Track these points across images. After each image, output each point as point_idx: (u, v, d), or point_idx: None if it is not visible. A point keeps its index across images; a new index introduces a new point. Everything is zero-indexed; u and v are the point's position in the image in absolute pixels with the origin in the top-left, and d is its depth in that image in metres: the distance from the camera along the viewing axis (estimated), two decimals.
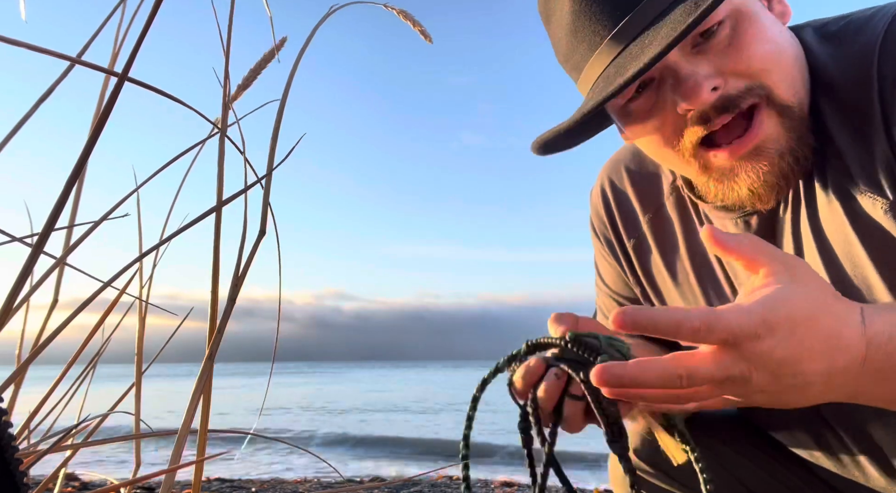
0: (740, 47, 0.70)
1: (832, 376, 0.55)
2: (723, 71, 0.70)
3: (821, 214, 0.76)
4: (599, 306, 1.13)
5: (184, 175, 0.80)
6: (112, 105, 0.41)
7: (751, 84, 0.70)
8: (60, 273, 0.79)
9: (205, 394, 0.64)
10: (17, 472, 0.40)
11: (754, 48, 0.70)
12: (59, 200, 0.41)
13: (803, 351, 0.53)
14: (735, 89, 0.70)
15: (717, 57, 0.71)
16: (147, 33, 0.43)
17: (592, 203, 1.09)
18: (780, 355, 0.52)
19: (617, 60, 0.73)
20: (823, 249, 0.77)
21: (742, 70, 0.70)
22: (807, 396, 0.56)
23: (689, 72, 0.71)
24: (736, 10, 0.71)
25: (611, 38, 0.73)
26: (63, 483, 0.86)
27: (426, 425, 9.24)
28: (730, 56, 0.70)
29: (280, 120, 0.68)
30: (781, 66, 0.71)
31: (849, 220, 0.73)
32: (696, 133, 0.73)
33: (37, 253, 0.41)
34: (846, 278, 0.75)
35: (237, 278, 0.66)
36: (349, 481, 4.61)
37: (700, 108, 0.71)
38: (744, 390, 0.53)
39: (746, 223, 0.85)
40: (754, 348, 0.51)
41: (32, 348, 0.66)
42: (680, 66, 0.71)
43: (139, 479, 0.63)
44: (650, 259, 0.99)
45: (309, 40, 0.73)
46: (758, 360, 0.51)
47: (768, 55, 0.70)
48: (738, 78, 0.71)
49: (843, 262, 0.75)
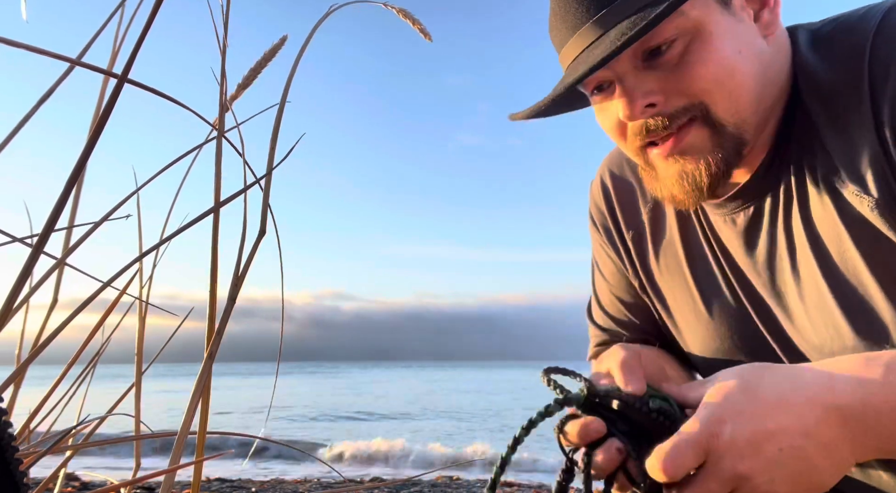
0: (684, 69, 0.73)
1: (811, 434, 0.58)
2: (665, 89, 0.74)
3: (813, 210, 0.77)
4: (599, 301, 1.12)
5: (183, 176, 0.80)
6: (112, 106, 0.41)
7: (689, 103, 0.74)
8: (60, 273, 0.79)
9: (204, 394, 0.64)
10: (17, 472, 0.41)
11: (697, 71, 0.73)
12: (59, 200, 0.41)
13: (765, 422, 0.58)
14: (673, 107, 0.75)
15: (664, 74, 0.74)
16: (146, 35, 0.43)
17: (592, 195, 1.10)
18: (745, 435, 0.57)
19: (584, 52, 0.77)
20: (816, 245, 0.77)
21: (683, 90, 0.74)
22: (813, 464, 0.59)
23: (631, 87, 0.76)
24: (693, 28, 0.72)
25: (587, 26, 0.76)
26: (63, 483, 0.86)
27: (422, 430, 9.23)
28: (675, 75, 0.73)
29: (280, 120, 0.68)
30: (725, 88, 0.73)
31: (839, 217, 0.74)
32: (636, 141, 0.80)
33: (37, 253, 0.41)
34: (839, 274, 0.75)
35: (237, 277, 0.66)
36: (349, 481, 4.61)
37: (635, 121, 0.77)
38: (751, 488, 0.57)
39: (733, 221, 0.86)
40: (720, 443, 0.56)
41: (32, 348, 0.66)
42: (626, 78, 0.76)
43: (139, 479, 0.63)
44: (647, 251, 1.00)
45: (308, 40, 0.73)
46: (731, 451, 0.56)
47: (711, 77, 0.73)
48: (678, 96, 0.74)
49: (835, 258, 0.75)
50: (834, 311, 0.76)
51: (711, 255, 0.91)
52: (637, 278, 1.03)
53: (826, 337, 0.78)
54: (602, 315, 1.11)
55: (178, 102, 0.55)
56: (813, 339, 0.80)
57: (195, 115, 0.61)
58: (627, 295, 1.06)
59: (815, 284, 0.77)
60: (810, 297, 0.79)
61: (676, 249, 0.95)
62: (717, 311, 0.92)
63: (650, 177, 0.83)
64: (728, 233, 0.87)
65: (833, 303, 0.76)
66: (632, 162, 1.03)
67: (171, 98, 0.53)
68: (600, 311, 1.11)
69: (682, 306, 0.96)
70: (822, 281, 0.76)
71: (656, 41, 0.72)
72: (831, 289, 0.76)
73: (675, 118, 0.75)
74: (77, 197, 0.78)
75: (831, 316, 0.76)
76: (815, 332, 0.79)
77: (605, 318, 1.10)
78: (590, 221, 1.11)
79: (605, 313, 1.10)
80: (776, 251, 0.82)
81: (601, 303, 1.11)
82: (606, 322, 1.10)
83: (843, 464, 0.60)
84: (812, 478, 0.58)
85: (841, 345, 0.76)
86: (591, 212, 1.10)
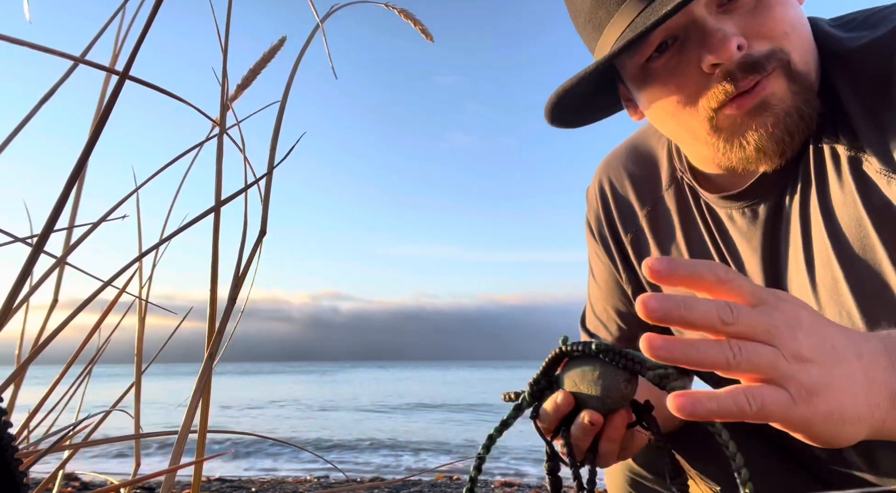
0: (766, 10, 0.71)
1: (861, 357, 0.51)
2: (747, 32, 0.71)
3: (832, 195, 0.76)
4: (592, 308, 1.13)
5: (183, 175, 0.80)
6: (113, 103, 0.41)
7: (773, 47, 0.71)
8: (61, 273, 0.79)
9: (204, 394, 0.64)
10: (17, 472, 0.41)
11: (778, 11, 0.71)
12: (60, 199, 0.41)
13: (820, 316, 0.51)
14: (759, 52, 0.71)
15: (742, 18, 0.71)
16: (148, 32, 0.43)
17: (589, 201, 1.10)
18: (807, 313, 0.50)
19: (641, 15, 0.72)
20: (833, 230, 0.76)
21: (766, 32, 0.71)
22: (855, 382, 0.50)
23: (716, 27, 0.71)
24: None
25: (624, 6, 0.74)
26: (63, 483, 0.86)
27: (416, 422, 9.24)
28: (756, 18, 0.71)
29: (281, 119, 0.68)
30: (801, 35, 0.72)
31: (861, 201, 0.73)
32: (723, 91, 0.72)
33: (37, 253, 0.41)
34: (856, 260, 0.74)
35: (238, 277, 0.66)
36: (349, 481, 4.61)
37: (727, 65, 0.71)
38: (795, 351, 0.48)
39: (754, 212, 0.84)
40: (786, 312, 0.49)
41: (32, 347, 0.66)
42: (707, 21, 0.72)
43: (139, 479, 0.63)
44: (648, 253, 1.00)
45: (309, 40, 0.73)
46: (793, 319, 0.49)
47: (790, 21, 0.71)
48: (761, 40, 0.71)
49: (853, 243, 0.74)
50: (847, 298, 0.75)
51: (717, 254, 0.90)
52: (633, 282, 1.03)
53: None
54: (594, 321, 1.11)
55: (179, 98, 0.54)
56: None
57: (196, 110, 0.61)
58: (620, 303, 1.06)
59: (831, 270, 0.76)
60: (824, 285, 0.78)
61: (680, 249, 0.95)
62: None
63: (723, 141, 0.76)
64: (744, 226, 0.86)
65: (847, 290, 0.75)
66: (629, 165, 1.02)
67: (172, 93, 0.53)
68: (594, 317, 1.11)
69: None
70: (838, 267, 0.75)
71: None
72: (846, 275, 0.75)
73: (764, 62, 0.71)
74: (78, 197, 0.78)
75: (845, 304, 0.76)
76: None
77: (597, 324, 1.10)
78: (586, 228, 1.11)
79: (598, 319, 1.10)
80: (791, 240, 0.81)
81: (594, 310, 1.11)
82: (597, 329, 1.10)
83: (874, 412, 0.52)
84: (844, 398, 0.50)
85: None
86: (587, 218, 1.10)
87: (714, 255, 0.91)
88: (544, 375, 0.66)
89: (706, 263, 0.49)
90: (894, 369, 0.53)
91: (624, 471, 1.09)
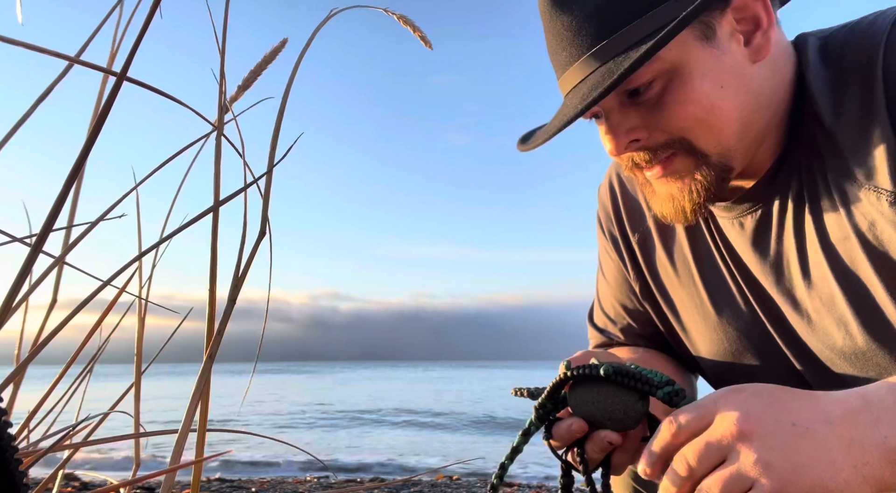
0: (663, 109, 0.75)
1: (832, 422, 0.52)
2: (648, 125, 0.77)
3: (824, 211, 0.77)
4: (601, 303, 1.13)
5: (183, 176, 0.80)
6: (111, 104, 0.41)
7: (670, 139, 0.77)
8: (60, 273, 0.79)
9: (204, 395, 0.64)
10: (17, 472, 0.41)
11: (676, 110, 0.75)
12: (58, 199, 0.41)
13: (780, 399, 0.55)
14: (655, 142, 0.78)
15: (646, 111, 0.77)
16: (146, 32, 0.43)
17: (600, 198, 1.11)
18: (757, 402, 0.54)
19: (570, 94, 0.80)
20: (826, 246, 0.77)
21: (663, 127, 0.76)
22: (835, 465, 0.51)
23: (615, 124, 0.79)
24: (670, 69, 0.73)
25: (571, 68, 0.78)
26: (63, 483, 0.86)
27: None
28: (655, 113, 0.76)
29: (281, 119, 0.68)
30: (706, 123, 0.75)
31: (847, 219, 0.74)
32: (626, 169, 0.84)
33: (36, 252, 0.42)
34: (850, 275, 0.75)
35: (237, 278, 0.66)
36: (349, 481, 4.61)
37: (620, 155, 0.80)
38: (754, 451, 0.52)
39: (741, 224, 0.87)
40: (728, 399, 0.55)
41: (31, 347, 0.66)
42: (611, 115, 0.79)
43: (139, 479, 0.63)
44: (654, 254, 1.01)
45: (310, 42, 0.73)
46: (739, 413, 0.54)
47: (690, 116, 0.75)
48: (660, 132, 0.77)
49: (845, 259, 0.75)
50: (846, 311, 0.76)
51: (720, 257, 0.91)
52: (640, 280, 1.03)
53: (838, 338, 0.78)
54: (602, 317, 1.12)
55: (176, 100, 0.55)
56: (824, 340, 0.80)
57: (193, 112, 0.61)
58: (628, 300, 1.07)
59: (827, 284, 0.77)
60: (822, 298, 0.79)
61: (685, 251, 0.96)
62: (727, 313, 0.92)
63: (648, 192, 0.86)
64: (736, 235, 0.88)
65: (844, 303, 0.76)
66: None
67: (169, 95, 0.53)
68: (601, 313, 1.12)
69: (690, 309, 0.97)
70: (834, 282, 0.76)
71: (635, 84, 0.74)
72: (843, 290, 0.76)
73: (658, 151, 0.78)
74: (76, 197, 0.78)
75: (843, 317, 0.76)
76: (826, 333, 0.79)
77: (605, 320, 1.11)
78: (597, 224, 1.12)
79: (606, 315, 1.11)
80: (784, 253, 0.83)
81: (602, 306, 1.12)
82: (605, 325, 1.11)
83: (864, 472, 0.51)
84: (821, 471, 0.50)
85: (853, 346, 0.76)
86: (598, 214, 1.11)
87: (717, 258, 0.91)
88: (550, 399, 0.67)
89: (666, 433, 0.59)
90: (880, 424, 0.52)
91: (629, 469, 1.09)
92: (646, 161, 0.80)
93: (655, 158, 0.79)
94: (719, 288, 0.92)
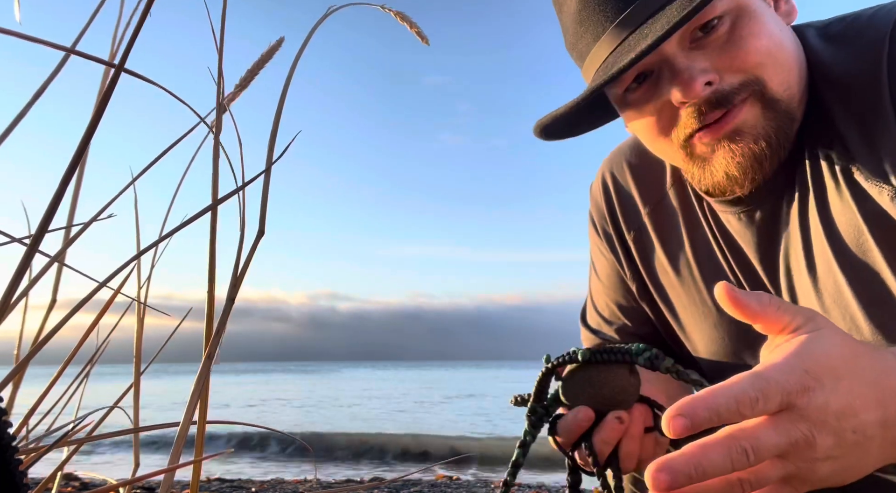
0: (738, 43, 0.72)
1: (888, 426, 0.50)
2: (718, 67, 0.72)
3: (831, 202, 0.77)
4: (594, 304, 1.12)
5: (181, 176, 0.80)
6: (109, 95, 0.41)
7: (745, 79, 0.73)
8: (59, 273, 0.79)
9: (203, 394, 0.64)
10: (17, 472, 0.41)
11: (751, 44, 0.72)
12: (55, 197, 0.41)
13: (856, 399, 0.49)
14: (729, 85, 0.73)
15: (714, 52, 0.73)
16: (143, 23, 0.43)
17: (593, 197, 1.09)
18: (836, 406, 0.48)
19: (616, 50, 0.75)
20: (833, 237, 0.76)
21: (738, 66, 0.72)
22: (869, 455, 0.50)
23: (685, 65, 0.73)
24: (737, 6, 0.72)
25: (613, 28, 0.75)
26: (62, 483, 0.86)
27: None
28: (727, 52, 0.72)
29: (279, 117, 0.68)
30: (778, 61, 0.73)
31: (858, 209, 0.73)
32: (690, 126, 0.76)
33: (33, 250, 0.41)
34: (857, 266, 0.75)
35: (236, 278, 0.66)
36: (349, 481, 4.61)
37: (694, 101, 0.73)
38: (809, 459, 0.48)
39: (749, 217, 0.85)
40: (810, 403, 0.46)
41: (31, 346, 0.66)
42: (677, 59, 0.74)
43: (138, 479, 0.63)
44: (652, 252, 0.99)
45: (307, 40, 0.73)
46: (816, 416, 0.47)
47: (765, 50, 0.72)
48: (733, 73, 0.72)
49: (853, 250, 0.75)
50: (851, 303, 0.75)
51: (720, 253, 0.90)
52: (637, 280, 1.02)
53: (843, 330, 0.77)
54: (596, 318, 1.10)
55: (173, 95, 0.54)
56: None
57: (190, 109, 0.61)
58: (623, 299, 1.06)
59: (833, 276, 0.77)
60: (827, 290, 0.78)
61: (684, 248, 0.95)
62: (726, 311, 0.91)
63: (697, 166, 0.79)
64: (743, 230, 0.87)
65: (850, 295, 0.75)
66: (632, 162, 1.02)
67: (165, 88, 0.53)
68: (595, 313, 1.11)
69: (689, 307, 0.96)
70: (840, 274, 0.76)
71: (709, 16, 0.71)
72: (849, 281, 0.75)
73: (732, 95, 0.73)
74: (76, 198, 0.78)
75: (849, 309, 0.76)
76: None
77: (599, 320, 1.10)
78: (589, 223, 1.10)
79: (599, 315, 1.10)
80: (791, 246, 0.82)
81: (596, 306, 1.11)
82: (599, 325, 1.10)
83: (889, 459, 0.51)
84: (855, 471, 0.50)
85: (859, 338, 0.76)
86: (591, 214, 1.09)
87: (718, 255, 0.90)
88: (537, 400, 0.66)
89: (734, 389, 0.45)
90: None
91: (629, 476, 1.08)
92: (720, 104, 0.73)
93: (730, 104, 0.73)
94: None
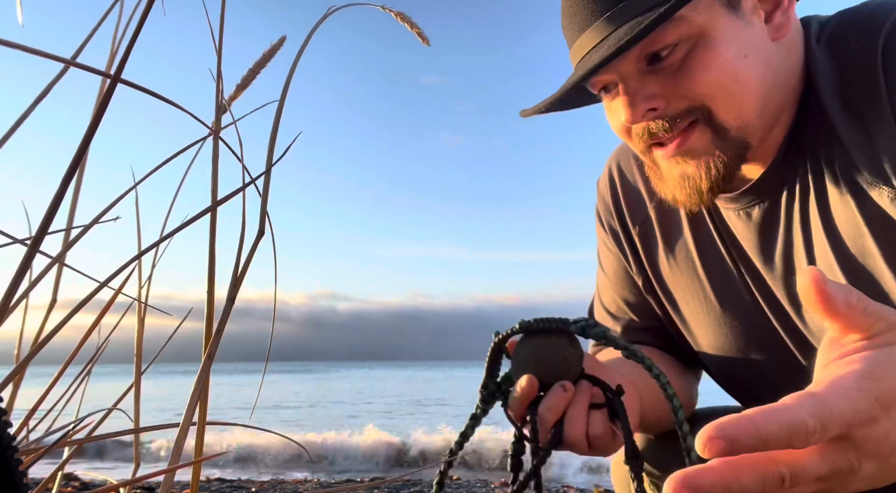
0: (686, 75, 0.73)
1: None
2: (667, 93, 0.75)
3: (831, 202, 0.77)
4: (601, 299, 1.12)
5: (182, 177, 0.80)
6: (105, 105, 0.42)
7: (691, 106, 0.75)
8: (59, 273, 0.80)
9: (203, 394, 0.64)
10: (17, 472, 0.41)
11: (699, 76, 0.73)
12: (55, 197, 0.41)
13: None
14: (674, 110, 0.75)
15: (665, 78, 0.75)
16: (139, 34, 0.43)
17: (599, 191, 1.10)
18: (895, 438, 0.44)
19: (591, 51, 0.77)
20: (833, 237, 0.77)
21: (684, 93, 0.74)
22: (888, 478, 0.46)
23: (633, 89, 0.76)
24: (696, 34, 0.72)
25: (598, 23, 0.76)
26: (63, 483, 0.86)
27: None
28: (676, 79, 0.74)
29: (279, 118, 0.68)
30: (729, 92, 0.73)
31: (858, 209, 0.74)
32: (640, 143, 0.81)
33: (33, 251, 0.42)
34: (857, 267, 0.75)
35: (236, 278, 0.66)
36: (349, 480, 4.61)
37: (637, 124, 0.78)
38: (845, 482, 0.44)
39: (748, 215, 0.85)
40: (868, 435, 0.42)
41: (31, 346, 0.66)
42: (629, 82, 0.76)
43: (139, 479, 0.63)
44: (656, 246, 1.00)
45: (307, 40, 0.73)
46: (870, 447, 0.43)
47: (714, 82, 0.73)
48: (680, 99, 0.75)
49: (853, 251, 0.75)
50: None
51: (724, 250, 0.90)
52: (642, 274, 1.02)
53: None
54: (603, 313, 1.10)
55: (171, 103, 0.55)
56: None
57: (188, 113, 0.61)
58: (629, 294, 1.06)
59: (833, 275, 0.77)
60: None
61: (687, 244, 0.95)
62: (730, 307, 0.91)
63: (656, 177, 0.84)
64: (742, 227, 0.87)
65: None
66: (638, 157, 1.03)
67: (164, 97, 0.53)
68: (602, 309, 1.11)
69: (693, 303, 0.96)
70: (840, 274, 0.76)
71: (658, 46, 0.72)
72: (849, 281, 0.75)
73: (676, 121, 0.75)
74: (75, 199, 0.78)
75: None
76: None
77: (606, 316, 1.10)
78: (596, 218, 1.10)
79: (606, 311, 1.10)
80: (792, 244, 0.82)
81: (602, 301, 1.11)
82: (606, 320, 1.10)
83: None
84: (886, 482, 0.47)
85: None
86: (597, 208, 1.10)
87: (721, 250, 0.91)
88: (489, 376, 0.68)
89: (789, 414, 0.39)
90: None
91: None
92: (664, 130, 0.76)
93: (674, 129, 0.76)
94: (724, 282, 0.91)
